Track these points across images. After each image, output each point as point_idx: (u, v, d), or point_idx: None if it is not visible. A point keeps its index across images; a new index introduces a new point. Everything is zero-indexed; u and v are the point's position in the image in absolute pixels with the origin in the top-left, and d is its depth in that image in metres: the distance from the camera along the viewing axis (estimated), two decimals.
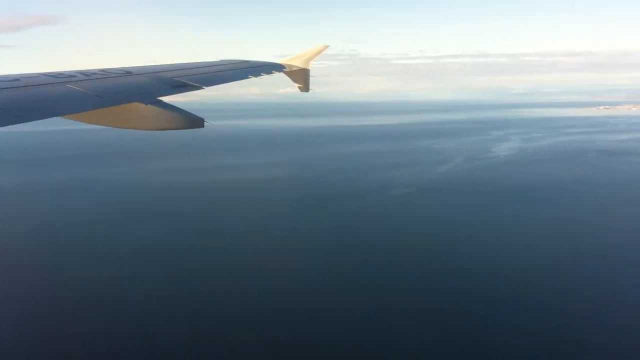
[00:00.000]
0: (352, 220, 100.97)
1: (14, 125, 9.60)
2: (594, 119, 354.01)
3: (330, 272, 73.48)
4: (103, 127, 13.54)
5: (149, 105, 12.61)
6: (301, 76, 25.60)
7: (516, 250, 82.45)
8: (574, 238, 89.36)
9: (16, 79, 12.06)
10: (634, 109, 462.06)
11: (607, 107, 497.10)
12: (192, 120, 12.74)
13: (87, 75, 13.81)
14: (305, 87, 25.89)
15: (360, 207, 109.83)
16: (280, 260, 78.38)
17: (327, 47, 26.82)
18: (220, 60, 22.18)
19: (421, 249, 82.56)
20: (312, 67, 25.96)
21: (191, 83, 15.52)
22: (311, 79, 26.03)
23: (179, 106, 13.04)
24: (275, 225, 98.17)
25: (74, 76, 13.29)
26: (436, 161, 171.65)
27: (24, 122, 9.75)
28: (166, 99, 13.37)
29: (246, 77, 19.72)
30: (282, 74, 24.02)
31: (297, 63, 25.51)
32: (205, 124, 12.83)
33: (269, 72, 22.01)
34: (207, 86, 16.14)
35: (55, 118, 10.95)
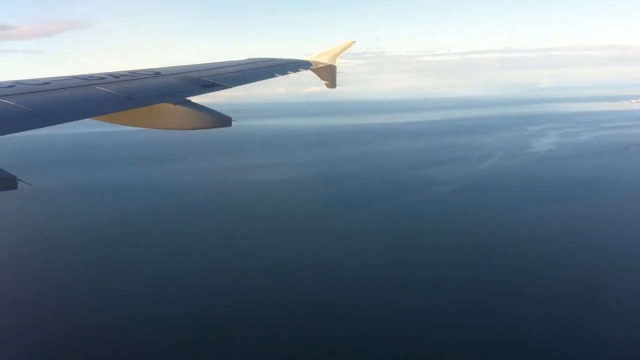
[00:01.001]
0: (400, 218, 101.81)
1: (46, 128, 9.95)
2: (629, 113, 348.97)
3: (386, 271, 74.27)
4: (133, 127, 13.90)
5: (177, 105, 12.82)
6: (328, 73, 25.67)
7: (583, 247, 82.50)
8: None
9: (47, 82, 12.30)
10: None
11: (638, 100, 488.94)
12: (220, 120, 13.03)
13: (116, 77, 14.11)
14: (332, 84, 25.99)
15: (407, 206, 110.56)
16: (334, 259, 79.41)
17: (353, 42, 26.75)
18: (247, 59, 22.40)
19: (477, 247, 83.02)
20: (339, 65, 26.07)
21: (219, 82, 15.83)
22: (337, 78, 26.09)
23: (206, 105, 13.36)
24: (324, 224, 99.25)
25: (104, 78, 13.60)
26: (477, 157, 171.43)
27: (55, 124, 10.03)
28: (194, 98, 13.63)
29: (273, 76, 19.89)
30: (308, 71, 24.06)
31: (324, 60, 25.53)
32: (233, 122, 13.12)
33: (295, 70, 22.11)
34: (234, 85, 16.47)
35: (85, 120, 11.25)
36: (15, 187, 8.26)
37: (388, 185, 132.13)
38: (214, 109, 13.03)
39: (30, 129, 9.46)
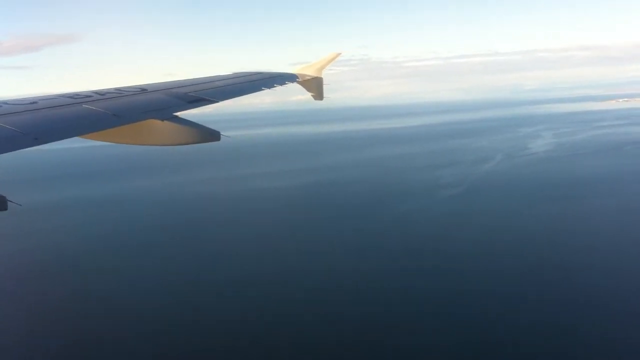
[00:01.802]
0: (413, 222, 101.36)
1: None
2: (618, 112, 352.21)
3: (408, 276, 73.73)
4: (120, 144, 13.86)
5: (165, 121, 12.87)
6: (314, 85, 25.87)
7: (602, 246, 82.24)
8: None
9: (34, 101, 12.43)
10: None
11: (626, 99, 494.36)
12: (209, 134, 13.05)
13: (102, 94, 14.18)
14: (318, 96, 26.19)
15: (416, 209, 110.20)
16: (352, 263, 78.84)
17: (339, 54, 27.11)
18: (234, 73, 22.47)
19: (496, 248, 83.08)
20: (323, 72, 26.33)
21: (205, 97, 15.80)
22: (325, 85, 26.33)
23: (193, 118, 13.31)
24: (333, 230, 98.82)
25: (90, 96, 13.69)
26: (476, 160, 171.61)
27: (43, 143, 10.01)
28: (181, 113, 13.65)
29: (259, 89, 20.08)
30: (295, 84, 24.19)
31: (310, 72, 25.88)
32: (222, 136, 13.13)
33: (282, 83, 22.30)
34: (221, 100, 16.44)
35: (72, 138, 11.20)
36: (5, 208, 8.34)
37: (393, 189, 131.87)
38: (201, 120, 13.08)
39: (19, 148, 9.48)
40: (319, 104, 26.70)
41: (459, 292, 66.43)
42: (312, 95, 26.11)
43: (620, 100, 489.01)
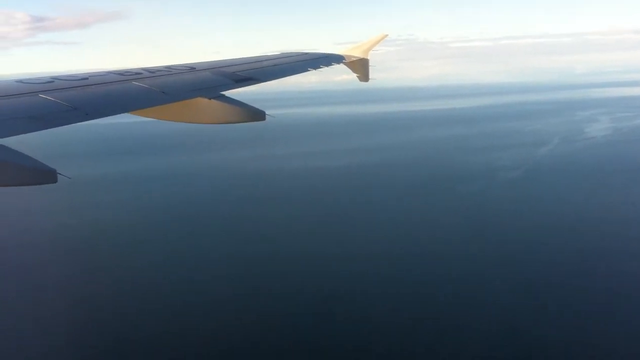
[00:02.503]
0: (472, 204, 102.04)
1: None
2: None
3: (476, 259, 74.69)
4: (168, 121, 14.35)
5: (212, 99, 13.27)
6: (360, 66, 26.04)
7: None
8: None
9: (84, 77, 12.76)
10: None
11: None
12: (254, 114, 13.51)
13: (152, 72, 14.53)
14: (364, 77, 26.37)
15: (475, 191, 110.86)
16: (416, 248, 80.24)
17: (386, 35, 27.24)
18: (281, 53, 22.95)
19: (559, 234, 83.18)
20: (370, 54, 26.47)
21: (252, 77, 16.30)
22: (370, 66, 26.42)
23: (238, 97, 13.80)
24: (398, 211, 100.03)
25: (140, 73, 14.06)
26: (533, 143, 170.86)
27: (93, 119, 10.49)
28: (229, 92, 14.04)
29: (306, 70, 20.38)
30: (341, 65, 24.44)
31: (357, 53, 25.95)
32: (267, 116, 13.56)
33: (328, 64, 22.57)
34: (267, 80, 17.01)
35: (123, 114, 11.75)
36: (55, 180, 8.57)
37: (451, 171, 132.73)
38: (245, 98, 13.51)
39: (70, 123, 9.97)
40: (364, 84, 27.47)
41: (524, 281, 66.80)
42: (357, 77, 26.40)
43: None
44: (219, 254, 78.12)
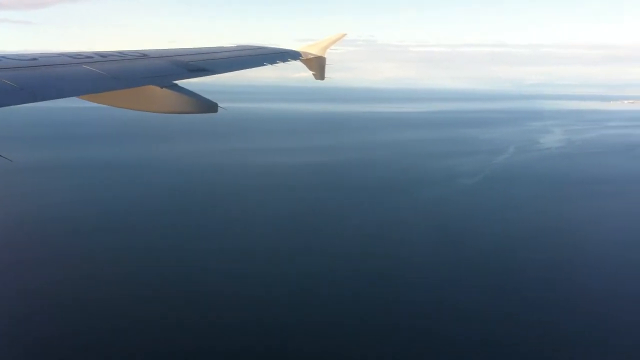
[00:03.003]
0: (432, 210, 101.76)
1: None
2: (626, 113, 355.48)
3: (445, 265, 74.53)
4: (117, 108, 13.98)
5: (164, 88, 13.04)
6: (317, 64, 25.92)
7: (619, 243, 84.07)
8: None
9: (34, 58, 12.53)
10: None
11: (631, 101, 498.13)
12: (206, 105, 13.28)
13: (104, 56, 14.26)
14: (320, 75, 26.28)
15: (435, 196, 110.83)
16: (371, 248, 79.64)
17: (344, 35, 27.31)
18: (237, 46, 22.70)
19: (514, 241, 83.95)
20: (328, 53, 26.39)
21: (207, 68, 16.06)
22: (327, 65, 26.37)
23: (193, 87, 13.60)
24: (356, 212, 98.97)
25: (91, 57, 13.76)
26: (489, 151, 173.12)
27: (40, 100, 10.14)
28: (182, 82, 13.84)
29: (261, 65, 20.22)
30: (297, 62, 24.26)
31: (314, 51, 25.91)
32: (219, 109, 13.39)
33: (284, 60, 22.45)
34: (222, 72, 16.74)
35: (71, 98, 11.34)
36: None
37: (414, 174, 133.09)
38: (201, 90, 13.28)
39: (15, 104, 9.55)
40: (321, 82, 26.91)
41: (477, 287, 66.60)
42: (313, 74, 26.25)
43: (626, 101, 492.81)
44: (161, 247, 75.62)
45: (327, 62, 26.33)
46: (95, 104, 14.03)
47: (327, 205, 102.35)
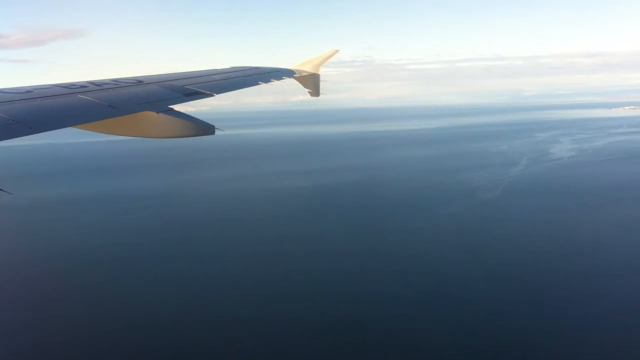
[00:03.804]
0: (457, 225, 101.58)
1: (27, 138, 10.16)
2: (629, 119, 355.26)
3: (470, 278, 74.37)
4: (116, 136, 14.10)
5: (160, 113, 13.08)
6: (311, 81, 26.10)
7: None
8: None
9: (29, 90, 12.59)
10: None
11: (632, 107, 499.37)
12: (203, 128, 13.26)
13: (98, 85, 14.39)
14: (315, 92, 26.33)
15: (461, 211, 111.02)
16: (406, 267, 79.12)
17: (337, 51, 27.43)
18: (231, 67, 22.79)
19: (549, 254, 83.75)
20: (325, 73, 26.56)
21: (202, 91, 16.07)
22: (322, 86, 26.50)
23: (192, 114, 13.61)
24: (382, 232, 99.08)
25: (86, 87, 13.88)
26: (502, 164, 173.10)
27: (37, 132, 10.09)
28: (178, 107, 13.88)
29: (256, 84, 20.25)
30: (292, 80, 24.46)
31: (308, 68, 26.11)
32: (217, 131, 13.38)
33: (279, 78, 22.54)
34: (218, 93, 16.69)
35: (67, 129, 11.37)
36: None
37: (429, 191, 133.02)
38: (199, 117, 13.33)
39: (13, 137, 9.54)
40: (319, 104, 26.82)
41: (519, 301, 66.68)
42: (308, 92, 26.31)
43: (627, 108, 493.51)
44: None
45: (325, 83, 26.55)
46: (92, 134, 14.06)
47: (356, 225, 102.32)
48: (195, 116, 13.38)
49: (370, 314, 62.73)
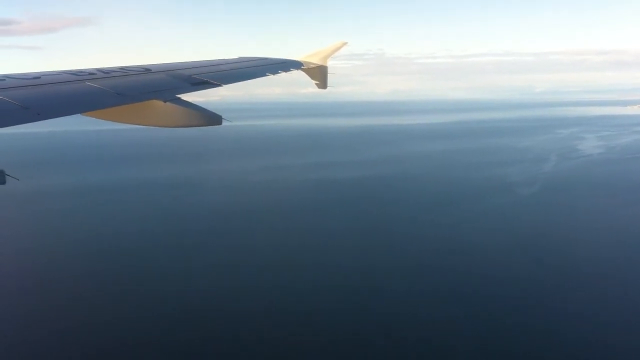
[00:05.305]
0: (501, 219, 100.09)
1: (34, 125, 10.36)
2: None
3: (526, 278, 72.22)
4: (122, 124, 13.92)
5: (167, 102, 13.08)
6: (319, 73, 26.20)
7: None
8: None
9: (37, 77, 12.60)
10: None
11: None
12: (210, 118, 13.16)
13: (106, 72, 14.48)
14: (322, 84, 26.42)
15: (505, 205, 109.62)
16: (465, 258, 77.22)
17: (345, 43, 27.28)
18: (239, 58, 22.81)
19: (604, 247, 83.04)
20: (336, 66, 26.48)
21: (210, 80, 16.09)
22: (330, 78, 26.57)
23: (200, 104, 13.49)
24: (430, 226, 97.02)
25: (94, 74, 13.97)
26: (532, 159, 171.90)
27: (44, 119, 10.06)
28: (186, 96, 13.83)
29: (264, 75, 20.26)
30: (300, 72, 24.51)
31: (315, 60, 26.12)
32: (224, 121, 13.28)
33: (286, 70, 22.55)
34: (225, 84, 16.67)
35: (74, 116, 11.25)
36: (3, 181, 8.89)
37: (465, 185, 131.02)
38: (208, 107, 13.23)
39: (20, 123, 9.59)
40: (328, 97, 25.50)
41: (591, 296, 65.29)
42: (315, 84, 26.34)
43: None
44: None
45: (334, 76, 26.65)
46: (98, 122, 14.21)
47: (399, 220, 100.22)
48: (204, 106, 13.28)
49: (403, 312, 60.64)
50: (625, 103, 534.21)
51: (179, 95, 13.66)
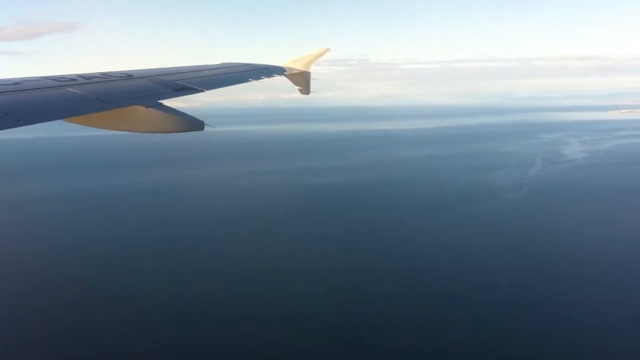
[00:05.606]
0: (494, 223, 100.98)
1: (15, 132, 10.15)
2: (629, 122, 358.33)
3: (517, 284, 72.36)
4: (104, 130, 13.98)
5: (149, 108, 13.07)
6: (302, 79, 26.24)
7: None
8: None
9: (17, 82, 12.52)
10: None
11: (627, 110, 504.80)
12: (192, 123, 13.25)
13: (88, 78, 14.38)
14: (305, 90, 26.46)
15: (492, 210, 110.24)
16: (448, 266, 77.60)
17: (328, 50, 27.40)
18: (222, 64, 22.94)
19: (591, 252, 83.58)
20: (320, 71, 27.28)
21: (192, 86, 16.17)
22: (313, 84, 26.63)
23: (182, 110, 13.56)
24: (415, 231, 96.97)
25: (75, 80, 13.86)
26: (517, 164, 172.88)
27: (25, 125, 9.99)
28: (168, 102, 13.83)
29: (247, 80, 20.36)
30: (283, 77, 24.64)
31: (298, 66, 26.28)
32: (206, 127, 13.35)
33: (269, 75, 22.66)
34: (208, 89, 16.75)
35: (55, 122, 11.24)
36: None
37: (453, 190, 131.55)
38: (189, 113, 13.30)
39: (0, 129, 9.48)
40: (311, 102, 25.76)
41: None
42: (298, 90, 26.40)
43: (623, 111, 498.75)
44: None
45: (317, 82, 26.65)
46: (80, 129, 14.36)
47: (385, 225, 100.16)
48: (186, 112, 13.30)
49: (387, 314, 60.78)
50: (606, 108, 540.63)
51: (161, 101, 13.68)
